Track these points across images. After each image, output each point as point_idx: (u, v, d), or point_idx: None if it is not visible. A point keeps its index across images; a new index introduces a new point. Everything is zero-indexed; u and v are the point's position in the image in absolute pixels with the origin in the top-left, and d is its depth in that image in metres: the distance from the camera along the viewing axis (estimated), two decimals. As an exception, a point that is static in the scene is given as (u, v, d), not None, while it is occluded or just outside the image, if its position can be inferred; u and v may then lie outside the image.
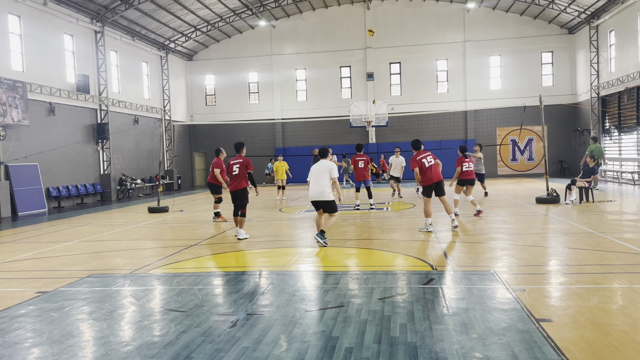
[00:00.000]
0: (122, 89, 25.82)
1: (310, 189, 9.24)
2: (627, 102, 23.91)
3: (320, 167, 9.27)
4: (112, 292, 6.32)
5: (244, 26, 31.74)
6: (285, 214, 14.64)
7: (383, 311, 5.13)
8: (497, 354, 3.97)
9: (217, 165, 13.00)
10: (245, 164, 10.29)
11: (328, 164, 9.23)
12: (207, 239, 10.39)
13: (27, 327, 5.04)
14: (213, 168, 13.05)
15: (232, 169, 10.31)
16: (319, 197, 9.12)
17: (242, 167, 10.26)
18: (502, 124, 30.38)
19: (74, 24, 21.83)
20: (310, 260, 8.07)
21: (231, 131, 32.05)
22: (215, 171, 12.95)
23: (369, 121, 28.07)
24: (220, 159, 13.10)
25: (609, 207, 13.75)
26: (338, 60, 31.79)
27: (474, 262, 7.47)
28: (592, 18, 26.47)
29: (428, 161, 10.43)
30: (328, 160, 9.40)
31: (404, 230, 10.61)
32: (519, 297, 5.42)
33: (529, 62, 30.12)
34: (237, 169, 10.27)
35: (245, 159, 10.38)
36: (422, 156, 10.49)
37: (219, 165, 13.00)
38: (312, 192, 9.20)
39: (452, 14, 30.70)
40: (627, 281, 5.97)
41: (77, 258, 8.81)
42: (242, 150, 10.63)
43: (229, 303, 5.68)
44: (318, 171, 9.23)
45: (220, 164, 13.05)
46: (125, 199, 23.95)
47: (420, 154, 10.51)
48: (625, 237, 8.94)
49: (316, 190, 9.13)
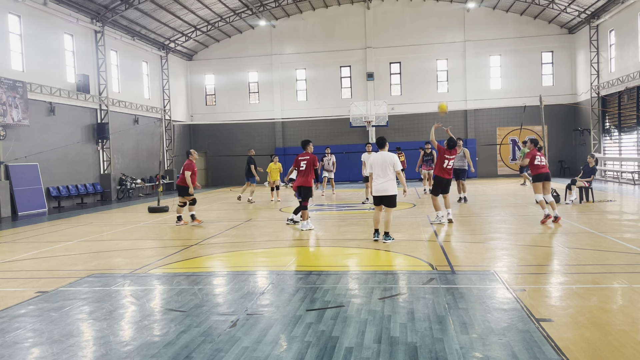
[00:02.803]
0: (122, 89, 25.82)
1: (377, 183, 8.94)
2: (627, 102, 23.91)
3: (382, 158, 8.95)
4: (112, 292, 6.32)
5: (244, 26, 31.74)
6: (285, 214, 14.64)
7: (383, 311, 5.12)
8: (497, 353, 3.97)
9: (189, 167, 12.70)
10: (312, 160, 10.85)
11: (391, 156, 8.96)
12: (207, 239, 10.39)
13: (27, 327, 5.04)
14: (184, 170, 12.68)
15: (299, 165, 10.98)
16: (385, 192, 8.92)
17: (309, 164, 10.85)
18: (502, 124, 30.39)
19: (74, 23, 21.83)
20: (311, 260, 8.07)
21: (231, 131, 32.07)
22: (186, 173, 12.63)
23: (369, 121, 28.08)
24: (192, 161, 12.87)
25: (609, 207, 13.75)
26: (338, 60, 31.79)
27: (474, 262, 7.47)
28: (592, 18, 26.47)
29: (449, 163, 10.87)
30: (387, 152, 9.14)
31: (404, 230, 10.61)
32: (519, 297, 5.42)
33: (529, 62, 30.12)
34: (305, 165, 10.86)
35: (312, 156, 10.90)
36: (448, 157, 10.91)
37: (191, 167, 12.73)
38: (378, 186, 8.92)
39: (452, 13, 30.70)
40: (627, 281, 5.97)
41: (77, 258, 8.81)
42: (308, 147, 11.03)
43: (229, 303, 5.68)
44: (381, 164, 8.91)
45: (192, 166, 12.79)
46: (125, 198, 23.95)
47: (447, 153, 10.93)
48: (625, 237, 8.94)
49: (382, 185, 8.90)
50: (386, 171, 8.87)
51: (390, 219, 9.10)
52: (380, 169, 8.91)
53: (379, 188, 8.93)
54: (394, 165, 8.88)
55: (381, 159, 8.95)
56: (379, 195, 9.00)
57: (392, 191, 8.93)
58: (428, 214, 13.13)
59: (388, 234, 9.08)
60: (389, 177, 8.89)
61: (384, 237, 9.08)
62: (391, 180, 8.91)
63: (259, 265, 8.03)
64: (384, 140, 9.29)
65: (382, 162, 8.91)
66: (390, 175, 8.90)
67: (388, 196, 8.95)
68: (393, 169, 8.89)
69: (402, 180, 9.19)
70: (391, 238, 9.08)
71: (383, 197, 8.99)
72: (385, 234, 9.08)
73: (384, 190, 8.91)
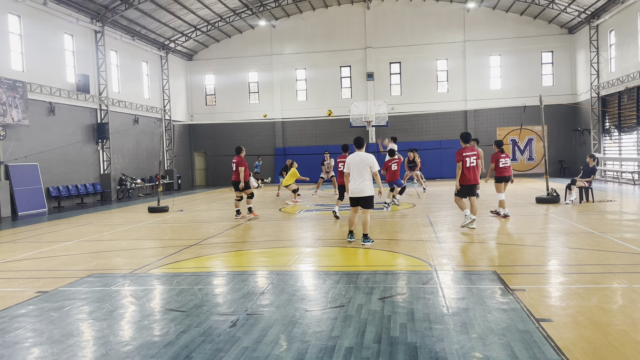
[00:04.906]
0: (122, 89, 25.82)
1: (354, 184, 8.83)
2: (627, 102, 23.91)
3: (359, 159, 8.83)
4: (112, 292, 6.32)
5: (244, 26, 31.74)
6: (285, 214, 14.64)
7: (383, 311, 5.12)
8: (497, 353, 3.97)
9: (243, 163, 13.37)
10: None
11: (368, 156, 8.82)
12: (207, 239, 10.39)
13: (27, 326, 5.04)
14: (238, 166, 13.29)
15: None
16: (361, 193, 8.80)
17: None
18: (502, 124, 30.39)
19: (74, 23, 21.83)
20: (310, 260, 8.07)
21: (231, 131, 32.06)
22: (240, 169, 13.27)
23: (369, 121, 28.07)
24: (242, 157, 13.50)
25: (609, 207, 13.75)
26: (338, 60, 31.79)
27: (474, 262, 7.48)
28: (592, 18, 26.47)
29: (471, 161, 10.06)
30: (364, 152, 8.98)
31: (404, 230, 10.61)
32: (519, 297, 5.42)
33: (529, 62, 30.12)
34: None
35: None
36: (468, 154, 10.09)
37: (244, 163, 13.41)
38: (355, 187, 8.81)
39: (452, 13, 30.70)
40: (627, 281, 5.97)
41: (77, 258, 8.81)
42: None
43: (229, 303, 5.68)
44: (358, 164, 8.80)
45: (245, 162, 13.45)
46: (125, 198, 23.95)
47: (467, 151, 10.13)
48: (625, 237, 8.94)
49: (358, 186, 8.78)
50: (362, 172, 8.78)
51: (368, 220, 8.94)
52: (357, 169, 8.82)
53: (355, 189, 8.83)
54: (371, 166, 8.79)
55: (358, 159, 8.85)
56: (356, 196, 8.91)
57: (369, 192, 8.83)
58: (428, 214, 13.13)
59: (367, 235, 8.94)
60: (365, 178, 8.78)
61: (363, 239, 8.93)
62: (368, 181, 8.81)
63: (259, 265, 8.03)
64: (362, 140, 9.15)
65: (360, 162, 8.81)
66: (366, 176, 8.79)
67: (364, 197, 8.84)
68: (370, 169, 8.80)
69: (378, 181, 9.07)
70: (370, 240, 8.92)
71: (359, 198, 8.89)
72: (363, 236, 8.95)
73: (360, 191, 8.81)
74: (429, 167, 28.69)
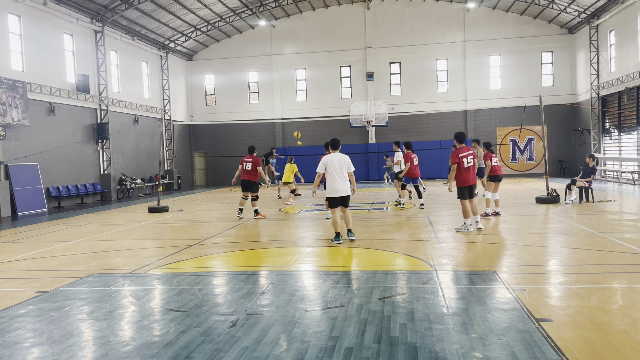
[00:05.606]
0: (122, 89, 25.82)
1: (338, 184, 9.15)
2: (627, 102, 23.91)
3: (340, 160, 9.21)
4: (112, 292, 6.32)
5: (244, 26, 31.74)
6: (285, 214, 14.64)
7: (383, 311, 5.12)
8: (497, 353, 3.97)
9: (259, 162, 13.44)
10: None
11: (346, 157, 9.28)
12: (207, 239, 10.39)
13: (27, 327, 5.04)
14: (255, 165, 13.35)
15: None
16: (345, 192, 9.21)
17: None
18: (502, 124, 30.39)
19: (74, 23, 21.83)
20: (310, 260, 8.07)
21: (231, 131, 32.07)
22: (259, 169, 13.35)
23: (369, 121, 28.07)
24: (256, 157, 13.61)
25: (609, 207, 13.75)
26: (338, 60, 31.79)
27: (474, 262, 7.48)
28: (592, 18, 26.47)
29: (468, 161, 10.00)
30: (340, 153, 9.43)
31: (404, 230, 10.61)
32: (519, 297, 5.42)
33: (529, 62, 30.12)
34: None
35: None
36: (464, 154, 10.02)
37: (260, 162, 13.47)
38: (340, 187, 9.16)
39: (452, 13, 30.70)
40: (627, 281, 5.97)
41: (76, 258, 8.81)
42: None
43: (228, 303, 5.68)
44: (340, 164, 9.17)
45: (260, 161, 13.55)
46: (125, 198, 23.95)
47: (463, 151, 10.05)
48: (625, 237, 8.94)
49: (343, 186, 9.18)
50: (343, 172, 9.20)
51: (350, 216, 9.55)
52: (338, 169, 9.17)
53: (341, 189, 9.19)
54: (349, 166, 9.26)
55: (339, 159, 9.22)
56: (341, 195, 9.24)
57: (349, 191, 9.31)
58: (428, 214, 13.13)
59: (351, 230, 9.44)
60: (345, 178, 9.24)
61: (349, 233, 9.39)
62: (347, 180, 9.27)
63: (259, 265, 8.03)
64: (338, 142, 9.58)
65: (341, 163, 9.19)
66: (346, 176, 9.24)
67: (348, 196, 9.32)
68: (347, 169, 9.24)
69: (353, 181, 9.51)
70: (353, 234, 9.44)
71: (344, 197, 9.29)
72: (349, 230, 9.40)
73: (344, 191, 9.21)
74: (429, 167, 28.70)
